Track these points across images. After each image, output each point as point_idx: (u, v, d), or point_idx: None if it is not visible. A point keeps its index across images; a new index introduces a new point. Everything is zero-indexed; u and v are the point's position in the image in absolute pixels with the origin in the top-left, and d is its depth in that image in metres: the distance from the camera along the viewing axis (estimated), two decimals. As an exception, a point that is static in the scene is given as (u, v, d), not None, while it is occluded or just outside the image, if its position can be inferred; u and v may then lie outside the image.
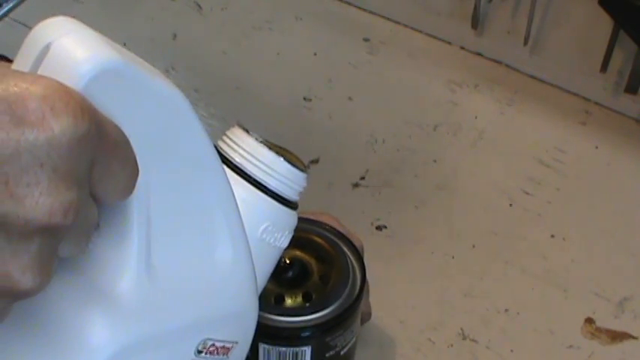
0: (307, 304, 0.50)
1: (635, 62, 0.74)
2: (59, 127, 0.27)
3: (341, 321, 0.50)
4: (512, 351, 0.60)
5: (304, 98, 0.79)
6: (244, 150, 0.43)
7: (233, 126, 0.45)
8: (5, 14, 0.81)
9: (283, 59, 0.84)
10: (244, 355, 0.42)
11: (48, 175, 0.27)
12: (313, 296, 0.50)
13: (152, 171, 0.33)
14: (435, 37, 0.86)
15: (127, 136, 0.30)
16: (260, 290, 0.43)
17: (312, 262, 0.52)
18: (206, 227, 0.37)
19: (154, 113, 0.33)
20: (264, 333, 0.48)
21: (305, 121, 0.77)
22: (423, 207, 0.70)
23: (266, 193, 0.43)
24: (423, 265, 0.65)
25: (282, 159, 0.43)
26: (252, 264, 0.41)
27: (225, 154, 0.43)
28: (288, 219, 0.44)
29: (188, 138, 0.35)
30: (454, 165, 0.74)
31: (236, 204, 0.39)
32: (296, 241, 0.53)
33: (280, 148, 0.44)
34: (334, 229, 0.54)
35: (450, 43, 0.85)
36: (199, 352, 0.38)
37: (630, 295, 0.63)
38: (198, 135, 0.35)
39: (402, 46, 0.85)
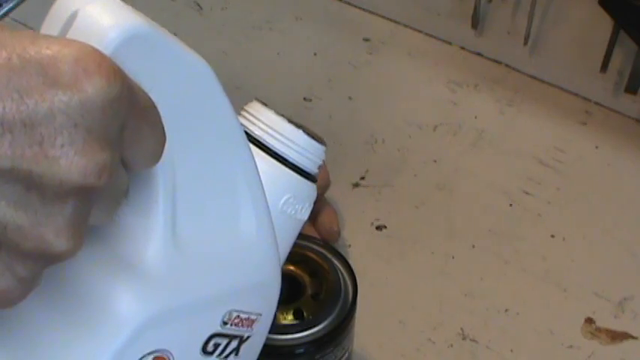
0: (298, 321, 0.50)
1: (635, 62, 0.74)
2: (92, 88, 0.27)
3: (331, 339, 0.50)
4: (512, 351, 0.60)
5: (304, 98, 0.79)
6: (264, 123, 0.43)
7: (251, 101, 0.45)
8: (5, 14, 0.81)
9: (283, 59, 0.84)
10: (267, 329, 0.42)
11: (82, 135, 0.27)
12: (304, 313, 0.50)
13: (177, 140, 0.33)
14: (435, 37, 0.86)
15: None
16: (282, 263, 0.43)
17: (304, 277, 0.52)
18: (230, 198, 0.37)
19: (180, 81, 0.33)
20: None
21: (305, 121, 0.77)
22: (423, 207, 0.70)
23: (287, 165, 0.43)
24: (423, 265, 0.65)
25: (301, 131, 0.44)
26: (275, 235, 0.41)
27: (244, 128, 0.43)
28: (308, 191, 0.45)
29: (213, 108, 0.35)
30: (454, 165, 0.74)
31: (259, 176, 0.39)
32: (289, 257, 0.53)
33: (298, 123, 0.45)
34: (327, 244, 0.54)
35: (450, 43, 0.85)
36: (225, 323, 0.38)
37: (630, 295, 0.63)
38: (223, 106, 0.36)
39: (402, 46, 0.85)
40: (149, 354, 0.34)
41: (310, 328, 0.49)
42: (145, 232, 0.33)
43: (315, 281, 0.52)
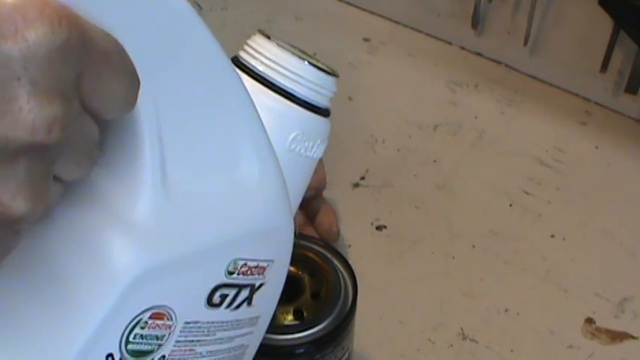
0: (298, 321, 0.50)
1: (635, 62, 0.74)
2: (34, 36, 0.25)
3: (331, 339, 0.49)
4: (512, 351, 0.60)
5: (304, 98, 0.79)
6: (265, 57, 0.40)
7: (254, 34, 0.42)
8: None
9: (283, 59, 0.84)
10: (284, 274, 0.41)
11: (26, 89, 0.25)
12: (304, 313, 0.50)
13: (159, 82, 0.31)
14: (435, 37, 0.86)
15: (124, 45, 0.28)
16: (296, 205, 0.41)
17: (304, 277, 0.52)
18: (226, 140, 0.36)
19: (155, 20, 0.31)
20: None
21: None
22: (423, 207, 0.70)
23: (291, 100, 0.40)
24: (423, 265, 0.65)
25: (306, 63, 0.40)
26: (282, 177, 0.38)
27: (246, 64, 0.41)
28: (318, 127, 0.42)
29: (195, 46, 0.33)
30: (454, 165, 0.74)
31: (257, 113, 0.37)
32: None
33: (307, 54, 0.42)
34: (327, 244, 0.54)
35: (450, 43, 0.85)
36: (230, 272, 0.36)
37: (630, 295, 0.63)
38: (206, 42, 0.34)
39: (402, 46, 0.85)
40: (146, 311, 0.33)
41: (310, 328, 0.49)
42: (133, 183, 0.32)
43: (315, 281, 0.52)
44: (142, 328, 0.33)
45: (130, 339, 0.33)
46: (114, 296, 0.31)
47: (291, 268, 0.52)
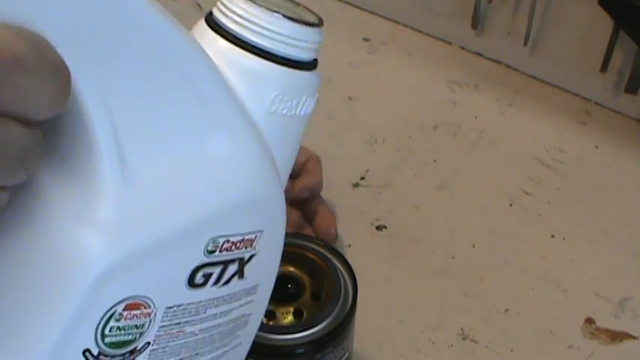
0: (298, 321, 0.50)
1: (635, 62, 0.74)
2: None
3: (331, 339, 0.49)
4: (512, 351, 0.60)
5: (304, 98, 0.79)
6: (236, 14, 0.37)
7: None
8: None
9: (283, 59, 0.84)
10: (279, 241, 0.39)
11: None
12: (304, 313, 0.50)
13: (105, 67, 0.30)
14: (435, 37, 0.86)
15: (48, 37, 0.27)
16: (286, 169, 0.39)
17: (304, 278, 0.52)
18: (188, 116, 0.33)
19: (94, 6, 0.29)
20: (254, 349, 0.48)
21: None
22: (423, 207, 0.70)
23: (265, 58, 0.37)
24: (423, 265, 0.65)
25: (277, 16, 0.37)
26: (262, 144, 0.36)
27: (219, 22, 0.37)
28: (301, 83, 0.39)
29: (144, 24, 0.31)
30: (454, 165, 0.74)
31: (223, 81, 0.34)
32: (289, 257, 0.52)
33: (292, 1, 0.39)
34: (327, 244, 0.54)
35: (450, 43, 0.85)
36: (210, 252, 0.35)
37: (630, 295, 0.63)
38: (156, 19, 0.31)
39: (402, 46, 0.85)
40: (118, 303, 0.32)
41: (310, 328, 0.49)
42: (90, 178, 0.31)
43: (315, 281, 0.52)
44: (118, 320, 0.33)
45: (106, 332, 0.33)
46: (81, 293, 0.31)
47: (291, 268, 0.52)
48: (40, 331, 0.31)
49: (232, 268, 0.37)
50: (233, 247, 0.36)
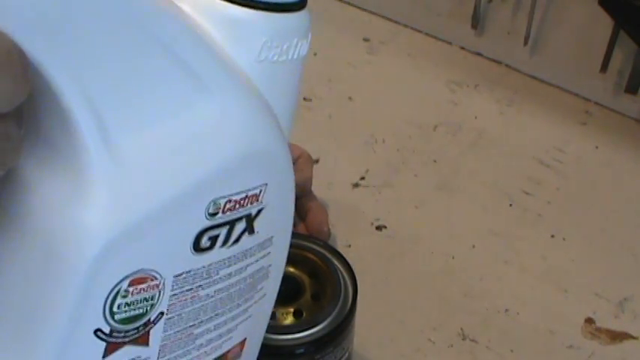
0: (298, 322, 0.50)
1: (635, 62, 0.74)
2: None
3: (331, 339, 0.49)
4: (512, 351, 0.60)
5: (304, 98, 0.79)
6: None
7: None
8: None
9: (283, 59, 0.84)
10: (289, 190, 0.38)
11: None
12: (304, 313, 0.50)
13: (70, 45, 0.29)
14: (435, 37, 0.86)
15: (4, 21, 0.26)
16: (288, 116, 0.38)
17: (304, 278, 0.52)
18: (171, 81, 0.32)
19: None
20: None
21: (305, 121, 0.77)
22: (423, 207, 0.70)
23: (246, 5, 0.35)
24: (423, 265, 0.65)
25: None
26: (255, 96, 0.35)
27: None
28: (290, 25, 0.36)
29: None
30: (454, 165, 0.74)
31: (202, 39, 0.33)
32: (289, 258, 0.52)
33: None
34: (327, 245, 0.54)
35: (450, 43, 0.85)
36: (212, 214, 0.34)
37: (630, 295, 0.63)
38: None
39: (402, 46, 0.85)
40: (122, 281, 0.32)
41: (310, 328, 0.49)
42: (75, 159, 0.30)
43: (315, 281, 0.52)
44: (124, 296, 0.32)
45: (115, 310, 0.32)
46: (82, 274, 0.31)
47: (291, 269, 0.52)
48: (47, 320, 0.31)
49: (240, 226, 0.36)
50: (237, 206, 0.35)
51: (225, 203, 0.34)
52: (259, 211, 0.36)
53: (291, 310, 0.50)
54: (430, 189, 0.71)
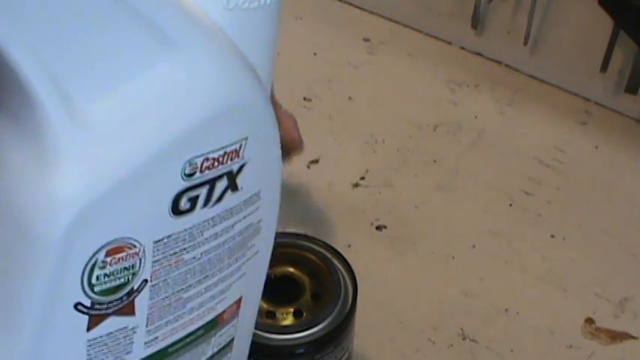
0: (298, 322, 0.50)
1: (635, 62, 0.74)
2: None
3: (331, 339, 0.49)
4: (512, 351, 0.60)
5: (304, 98, 0.79)
6: None
7: None
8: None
9: (283, 59, 0.84)
10: (273, 141, 0.37)
11: None
12: (304, 313, 0.50)
13: (17, 11, 0.28)
14: (435, 37, 0.86)
15: None
16: (265, 67, 0.36)
17: (304, 278, 0.52)
18: (133, 39, 0.31)
19: None
20: (255, 349, 0.48)
21: (305, 121, 0.77)
22: (423, 207, 0.70)
23: None
24: (423, 265, 0.65)
25: None
26: (228, 47, 0.33)
27: None
28: None
29: None
30: (454, 165, 0.74)
31: None
32: (289, 258, 0.53)
33: None
34: (327, 245, 0.54)
35: (450, 43, 0.85)
36: (190, 175, 0.33)
37: (630, 295, 0.63)
38: None
39: (402, 46, 0.85)
40: (99, 250, 0.31)
41: (310, 328, 0.49)
42: (40, 128, 0.29)
43: (315, 282, 0.52)
44: (102, 268, 0.32)
45: (94, 282, 0.32)
46: (55, 247, 0.30)
47: (291, 269, 0.52)
48: (23, 297, 0.31)
49: (222, 184, 0.35)
50: (216, 164, 0.34)
51: (203, 162, 0.33)
52: (242, 167, 0.35)
53: (291, 310, 0.50)
54: (430, 189, 0.71)
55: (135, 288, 0.33)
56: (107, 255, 0.31)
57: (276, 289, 0.51)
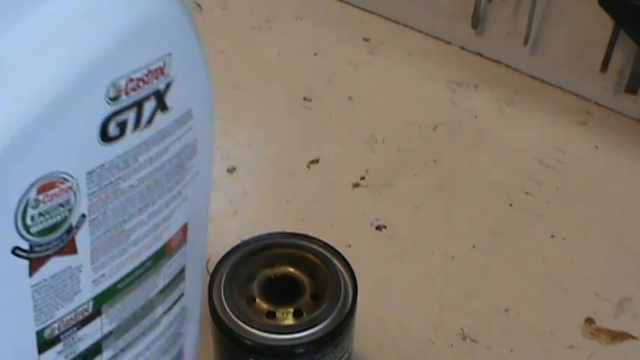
0: (298, 322, 0.50)
1: (635, 62, 0.74)
2: None
3: (331, 339, 0.49)
4: (512, 351, 0.60)
5: (304, 98, 0.79)
6: None
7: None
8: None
9: (283, 59, 0.84)
10: (199, 54, 0.36)
11: None
12: (304, 313, 0.50)
13: None
14: (435, 37, 0.86)
15: None
16: None
17: (304, 278, 0.52)
18: None
19: None
20: (254, 349, 0.48)
21: (305, 121, 0.77)
22: (423, 207, 0.70)
23: None
24: (423, 265, 0.65)
25: None
26: None
27: None
28: None
29: None
30: (454, 165, 0.74)
31: None
32: (288, 258, 0.53)
33: None
34: (327, 245, 0.54)
35: (450, 43, 0.85)
36: (114, 98, 0.32)
37: (630, 295, 0.63)
38: None
39: (402, 46, 0.85)
40: (29, 189, 0.30)
41: (310, 328, 0.49)
42: None
43: (314, 282, 0.52)
44: (35, 207, 0.30)
45: (28, 223, 0.31)
46: None
47: (291, 269, 0.52)
48: None
49: (150, 105, 0.34)
50: (140, 84, 0.33)
51: (127, 83, 0.32)
52: (168, 85, 0.34)
53: (291, 310, 0.50)
54: (430, 189, 0.71)
55: (73, 225, 0.33)
56: (39, 192, 0.30)
57: (276, 289, 0.52)
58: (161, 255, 0.39)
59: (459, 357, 0.60)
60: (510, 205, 0.70)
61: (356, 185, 0.72)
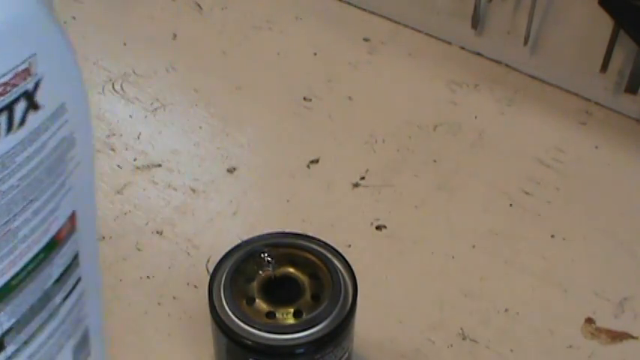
0: (298, 322, 0.50)
1: (635, 62, 0.74)
2: None
3: (331, 339, 0.49)
4: (512, 351, 0.60)
5: (304, 98, 0.79)
6: None
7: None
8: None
9: (283, 59, 0.84)
10: (65, 50, 0.35)
11: None
12: (304, 313, 0.50)
13: None
14: (435, 37, 0.86)
15: None
16: None
17: (304, 279, 0.52)
18: None
19: None
20: (254, 349, 0.48)
21: (305, 121, 0.77)
22: (423, 207, 0.70)
23: None
24: (423, 265, 0.65)
25: None
26: None
27: None
28: None
29: None
30: (454, 165, 0.74)
31: None
32: (289, 258, 0.53)
33: None
34: (327, 245, 0.54)
35: (450, 43, 0.85)
36: None
37: (630, 295, 0.63)
38: None
39: (402, 46, 0.85)
40: None
41: (310, 328, 0.49)
42: None
43: (314, 282, 0.52)
44: None
45: None
46: None
47: (291, 269, 0.52)
48: None
49: (21, 106, 0.33)
50: (8, 88, 0.32)
51: None
52: (37, 84, 0.33)
53: (291, 310, 0.50)
54: (430, 189, 0.71)
55: None
56: None
57: (276, 289, 0.52)
58: (52, 247, 0.38)
59: (458, 357, 0.60)
60: (510, 205, 0.70)
61: (356, 185, 0.72)
